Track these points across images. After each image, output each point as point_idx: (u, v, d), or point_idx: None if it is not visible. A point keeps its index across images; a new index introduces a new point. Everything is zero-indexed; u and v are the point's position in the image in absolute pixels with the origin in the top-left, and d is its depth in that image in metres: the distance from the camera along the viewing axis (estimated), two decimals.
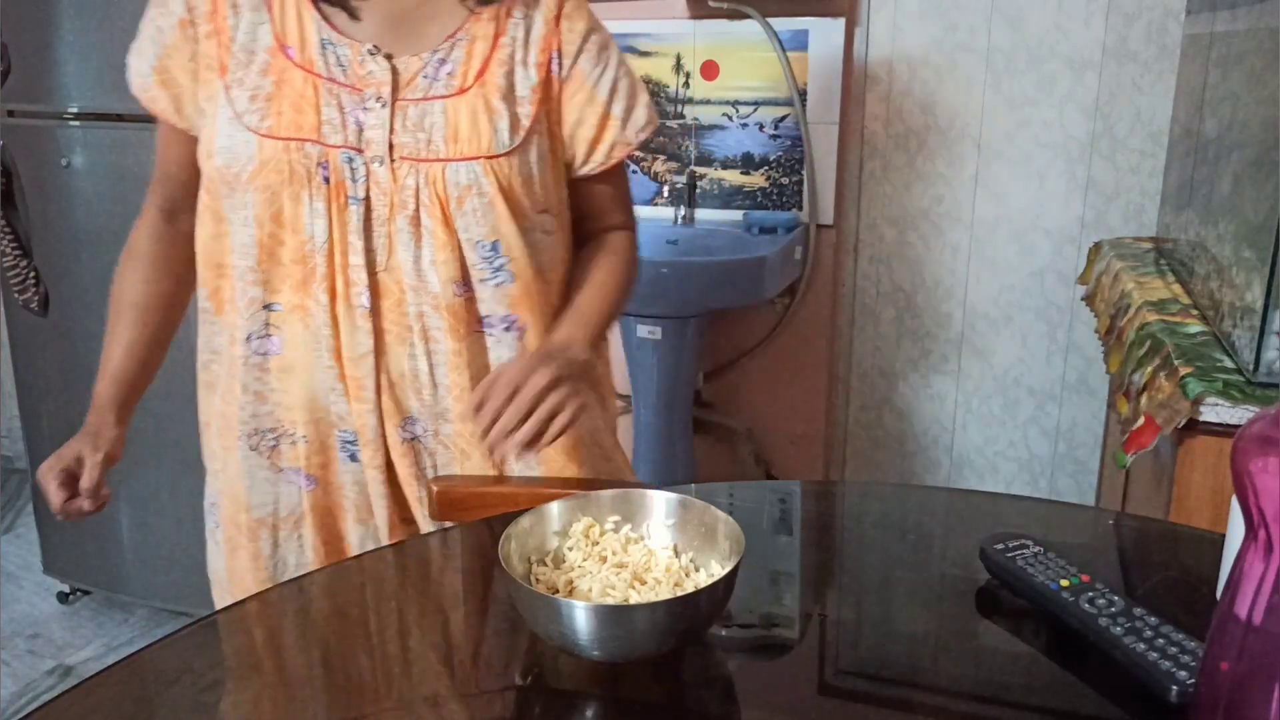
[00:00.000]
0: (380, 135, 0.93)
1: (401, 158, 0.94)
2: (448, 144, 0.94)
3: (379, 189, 0.94)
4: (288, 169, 0.93)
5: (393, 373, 0.98)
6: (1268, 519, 0.47)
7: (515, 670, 0.69)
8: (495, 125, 0.96)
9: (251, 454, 1.02)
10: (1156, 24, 1.95)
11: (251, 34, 0.95)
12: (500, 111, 0.96)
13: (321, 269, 0.95)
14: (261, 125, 0.93)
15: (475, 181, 0.95)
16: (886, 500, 1.04)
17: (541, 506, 0.76)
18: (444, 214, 0.95)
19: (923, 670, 0.68)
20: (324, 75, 0.94)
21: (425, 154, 0.94)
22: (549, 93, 1.00)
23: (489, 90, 0.96)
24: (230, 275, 0.99)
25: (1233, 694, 0.49)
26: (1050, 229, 2.12)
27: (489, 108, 0.96)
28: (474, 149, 0.95)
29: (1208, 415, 1.07)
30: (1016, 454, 2.27)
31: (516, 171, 0.97)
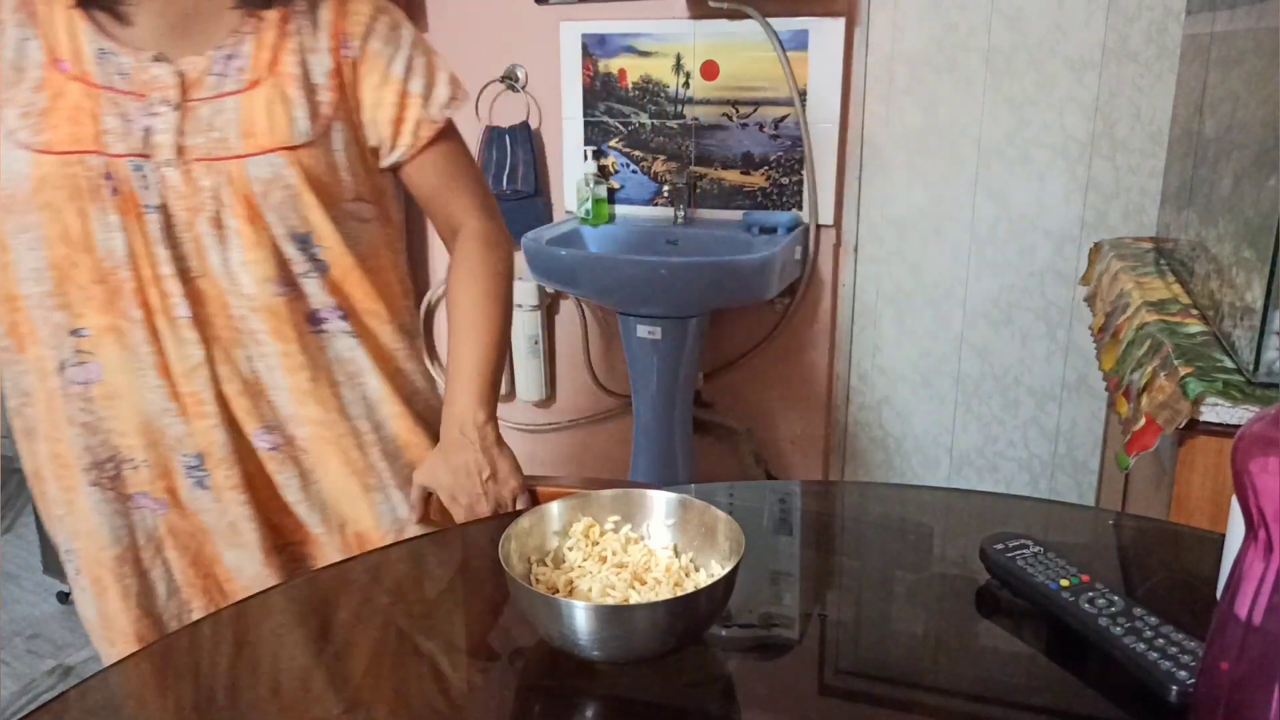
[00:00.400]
0: (168, 139, 0.90)
1: (195, 159, 0.90)
2: (244, 139, 0.91)
3: (175, 194, 0.91)
4: (68, 184, 0.88)
5: (234, 382, 0.95)
6: (1268, 519, 0.47)
7: (515, 670, 0.69)
8: (292, 115, 0.93)
9: (94, 489, 0.95)
10: (1156, 24, 1.95)
11: (19, 51, 0.90)
12: (296, 101, 0.94)
13: (129, 284, 0.91)
14: (35, 141, 0.88)
15: (277, 174, 0.92)
16: (886, 500, 1.04)
17: (541, 506, 0.76)
18: (250, 211, 0.92)
19: (922, 670, 0.68)
20: (103, 85, 0.90)
21: (220, 152, 0.91)
22: (342, 77, 0.98)
23: (283, 80, 0.94)
24: (24, 306, 0.93)
25: (1233, 694, 0.49)
26: (1050, 229, 2.12)
27: (284, 98, 0.93)
28: (271, 141, 0.92)
29: (1208, 415, 1.07)
30: (1016, 454, 2.27)
31: (321, 160, 0.95)
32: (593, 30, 2.30)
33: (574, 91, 2.36)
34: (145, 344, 0.92)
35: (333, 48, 0.97)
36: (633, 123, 2.33)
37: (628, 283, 2.05)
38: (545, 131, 2.44)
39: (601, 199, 2.33)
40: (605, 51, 2.30)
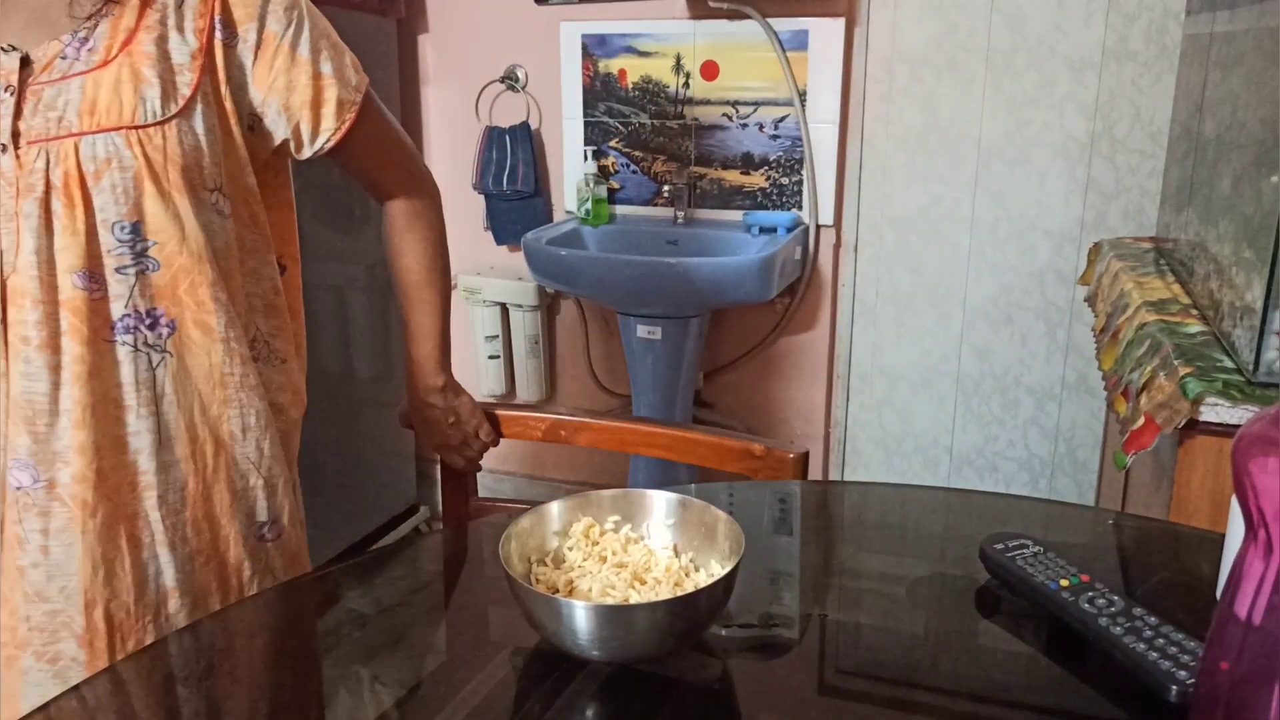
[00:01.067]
0: (4, 124, 0.84)
1: (29, 142, 0.84)
2: (82, 118, 0.85)
3: (4, 180, 0.85)
4: None
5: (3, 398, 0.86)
6: (1267, 519, 0.47)
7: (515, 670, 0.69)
8: (142, 94, 0.87)
9: None
10: (1156, 24, 1.95)
11: None
12: (149, 80, 0.87)
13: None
14: None
15: (115, 154, 0.85)
16: (886, 500, 1.04)
17: (541, 506, 0.76)
18: (81, 193, 0.85)
19: (922, 670, 0.68)
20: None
21: (56, 132, 0.85)
22: (212, 61, 0.91)
23: (136, 59, 0.87)
24: None
25: (1232, 694, 0.49)
26: (1050, 229, 2.12)
27: (136, 76, 0.87)
28: (113, 120, 0.85)
29: (1208, 415, 1.07)
30: (1016, 454, 2.27)
31: (175, 142, 0.88)
32: (593, 30, 2.30)
33: (574, 92, 2.36)
34: None
35: (201, 28, 0.90)
36: (633, 123, 2.33)
37: (628, 283, 2.05)
38: (545, 132, 2.44)
39: (601, 199, 2.33)
40: (605, 52, 2.30)
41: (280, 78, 0.95)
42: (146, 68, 0.87)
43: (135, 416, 0.88)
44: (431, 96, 2.61)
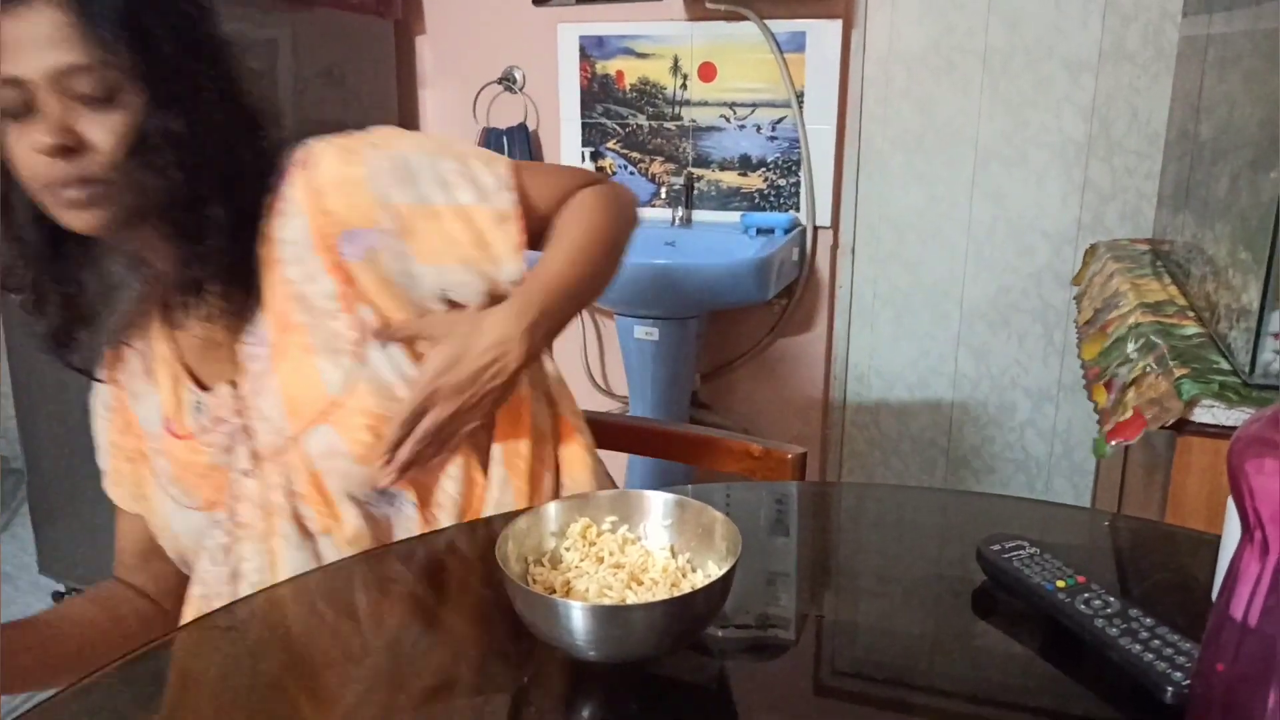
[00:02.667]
0: (244, 449, 0.90)
1: (266, 459, 0.89)
2: (290, 421, 0.88)
3: (251, 504, 0.90)
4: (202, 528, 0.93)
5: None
6: (1263, 520, 0.47)
7: (512, 671, 0.69)
8: (321, 374, 0.88)
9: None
10: (1153, 26, 1.96)
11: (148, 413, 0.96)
12: (317, 353, 0.88)
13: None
14: (184, 500, 0.94)
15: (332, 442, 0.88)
16: (883, 501, 1.04)
17: (538, 507, 0.76)
18: (321, 495, 0.89)
19: (919, 671, 0.68)
20: (195, 434, 0.93)
21: (279, 442, 0.89)
22: (356, 286, 0.89)
23: (297, 336, 0.88)
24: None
25: (1228, 695, 0.49)
26: (1047, 230, 2.12)
27: (304, 359, 0.88)
28: (317, 409, 0.88)
29: (1203, 417, 1.07)
30: (1013, 455, 2.27)
31: (367, 394, 0.88)
32: (590, 32, 2.30)
33: (572, 93, 2.36)
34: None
35: (330, 264, 0.89)
36: (630, 124, 2.33)
37: (625, 283, 2.04)
38: (543, 133, 2.44)
39: None
40: (603, 53, 2.30)
41: (435, 239, 0.90)
42: (310, 341, 0.88)
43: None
44: (429, 98, 2.61)
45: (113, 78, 0.78)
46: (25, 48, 0.77)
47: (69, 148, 0.78)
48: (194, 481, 0.93)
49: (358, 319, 0.89)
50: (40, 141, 0.77)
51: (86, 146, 0.79)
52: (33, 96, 0.78)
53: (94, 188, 0.80)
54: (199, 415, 0.92)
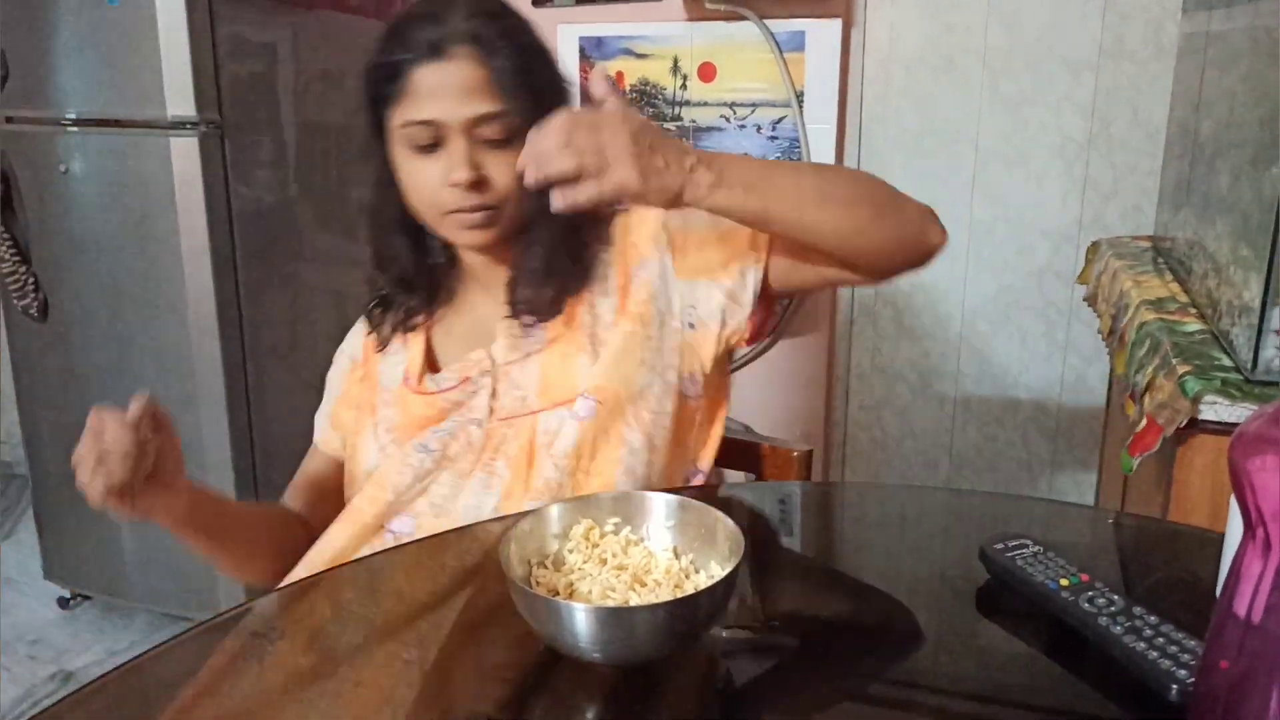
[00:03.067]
0: (482, 402, 1.00)
1: (500, 419, 0.99)
2: (540, 396, 0.99)
3: (471, 448, 0.99)
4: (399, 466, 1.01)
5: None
6: (1266, 517, 0.47)
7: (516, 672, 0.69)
8: (578, 365, 0.99)
9: None
10: (1153, 23, 1.96)
11: (392, 374, 1.06)
12: (583, 347, 1.00)
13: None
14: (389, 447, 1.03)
15: (561, 426, 0.97)
16: (886, 500, 1.05)
17: (540, 509, 0.76)
18: (528, 463, 0.98)
19: (923, 670, 0.68)
20: (434, 391, 1.02)
21: (519, 410, 0.99)
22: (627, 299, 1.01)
23: (573, 331, 1.00)
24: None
25: (1232, 692, 0.49)
26: (1048, 229, 2.12)
27: (572, 351, 1.00)
28: (564, 394, 0.98)
29: (1206, 414, 1.07)
30: (1016, 454, 2.27)
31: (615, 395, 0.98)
32: (590, 33, 2.30)
33: (571, 94, 2.36)
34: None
35: (620, 285, 1.01)
36: None
37: None
38: None
39: None
40: (603, 54, 2.30)
41: (693, 255, 1.00)
42: (582, 339, 0.99)
43: None
44: None
45: (514, 124, 0.92)
46: (443, 94, 0.92)
47: (476, 182, 0.93)
48: (412, 431, 1.02)
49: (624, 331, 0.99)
50: (457, 176, 0.92)
51: (488, 181, 0.94)
52: (444, 136, 0.93)
53: (488, 213, 0.95)
54: (438, 380, 1.03)
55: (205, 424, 2.09)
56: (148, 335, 2.09)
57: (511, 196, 0.95)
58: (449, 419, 1.01)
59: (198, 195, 1.98)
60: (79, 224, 2.09)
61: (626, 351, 0.98)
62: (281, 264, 2.22)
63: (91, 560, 2.31)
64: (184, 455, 0.92)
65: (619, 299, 1.01)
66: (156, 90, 1.93)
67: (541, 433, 0.97)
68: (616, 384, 0.97)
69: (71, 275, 2.12)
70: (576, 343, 0.99)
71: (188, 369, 2.08)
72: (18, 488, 3.04)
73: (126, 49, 1.95)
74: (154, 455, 0.87)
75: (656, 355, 0.99)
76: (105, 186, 2.05)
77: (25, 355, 2.28)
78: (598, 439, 0.97)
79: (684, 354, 1.01)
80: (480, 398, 1.00)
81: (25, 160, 2.11)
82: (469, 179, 0.92)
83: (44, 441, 2.31)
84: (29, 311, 2.17)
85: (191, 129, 1.95)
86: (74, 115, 2.03)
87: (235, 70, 2.02)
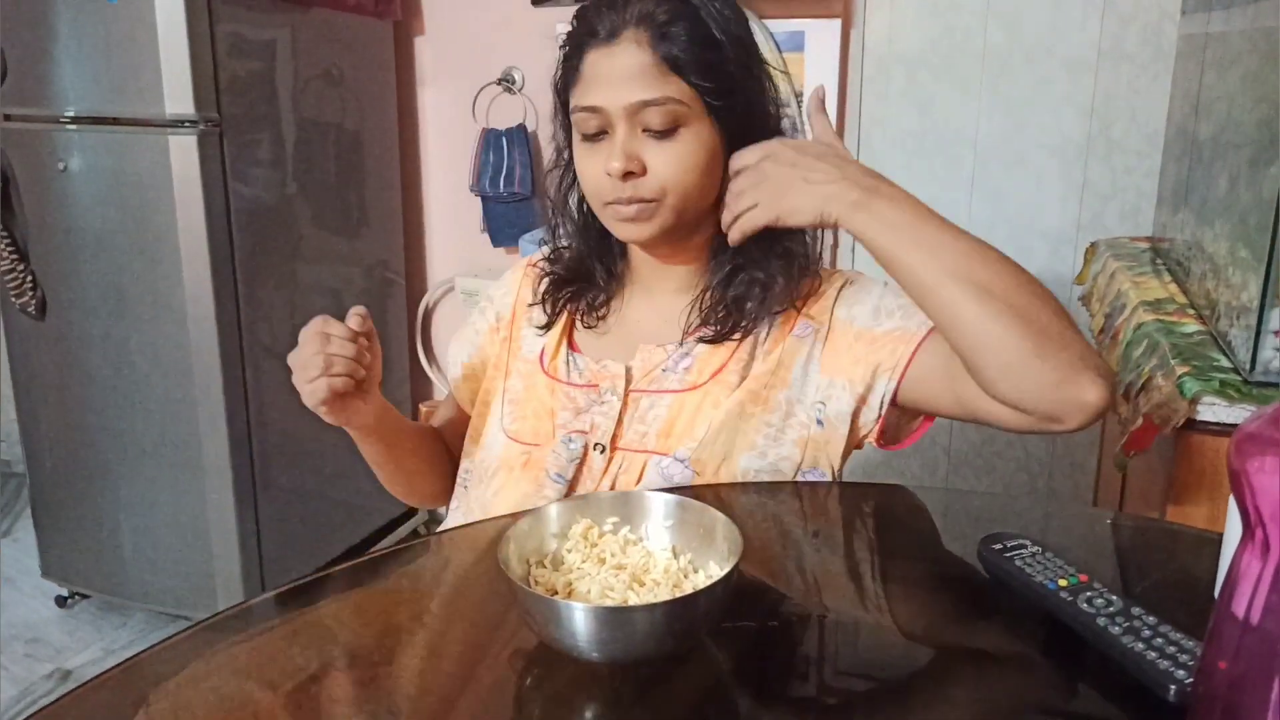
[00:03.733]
0: (608, 426, 0.97)
1: (619, 448, 0.96)
2: (659, 438, 0.96)
3: (587, 472, 0.97)
4: (520, 461, 1.00)
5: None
6: (1265, 518, 0.47)
7: (515, 672, 0.69)
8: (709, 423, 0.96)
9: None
10: (1152, 25, 1.96)
11: (531, 346, 1.06)
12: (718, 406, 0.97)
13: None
14: (510, 429, 1.02)
15: (677, 475, 0.96)
16: (885, 500, 1.04)
17: (539, 508, 0.76)
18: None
19: (921, 671, 0.68)
20: (563, 380, 1.02)
21: (639, 446, 0.96)
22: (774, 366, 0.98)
23: (720, 388, 0.98)
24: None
25: (1231, 693, 0.49)
26: (1047, 230, 2.12)
27: (711, 405, 0.97)
28: (684, 444, 0.96)
29: (1205, 415, 1.07)
30: (1014, 454, 2.27)
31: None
32: None
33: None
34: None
35: (777, 340, 0.98)
36: None
37: None
38: (542, 133, 2.44)
39: None
40: None
41: (843, 353, 0.96)
42: (720, 396, 0.95)
43: None
44: (428, 98, 2.61)
45: (678, 113, 0.90)
46: (609, 80, 0.90)
47: (632, 171, 0.90)
48: (527, 413, 1.01)
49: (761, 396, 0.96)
50: (611, 165, 0.90)
51: (646, 172, 0.91)
52: (609, 124, 0.91)
53: (643, 206, 0.92)
54: (569, 369, 1.02)
55: (203, 422, 2.09)
56: (146, 333, 2.09)
57: (675, 191, 0.92)
58: (570, 433, 0.98)
59: (196, 194, 1.98)
60: (77, 222, 2.09)
61: (741, 433, 0.95)
62: (280, 262, 2.21)
63: (89, 558, 2.31)
64: (187, 446, 0.96)
65: (747, 360, 0.97)
66: (155, 88, 1.93)
67: (651, 474, 0.94)
68: (717, 460, 0.94)
69: (70, 273, 2.12)
70: (711, 398, 0.95)
71: (185, 367, 2.07)
72: (15, 486, 3.04)
73: (125, 47, 1.95)
74: (365, 367, 0.93)
75: (773, 444, 0.95)
76: (104, 184, 2.05)
77: (23, 353, 2.27)
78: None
79: (807, 449, 0.97)
80: (605, 416, 0.97)
81: (24, 158, 2.11)
82: (621, 169, 0.89)
83: (42, 439, 2.30)
84: (27, 309, 2.17)
85: (190, 127, 1.95)
86: (73, 113, 2.03)
87: (234, 69, 2.02)
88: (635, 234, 0.94)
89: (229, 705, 0.66)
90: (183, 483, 2.15)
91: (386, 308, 2.60)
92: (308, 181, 2.28)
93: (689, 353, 0.98)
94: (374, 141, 2.47)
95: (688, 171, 0.91)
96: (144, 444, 2.15)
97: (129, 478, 2.20)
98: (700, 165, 0.92)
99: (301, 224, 2.27)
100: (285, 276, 2.24)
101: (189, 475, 2.14)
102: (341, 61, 2.33)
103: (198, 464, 2.12)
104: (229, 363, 2.07)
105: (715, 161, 0.94)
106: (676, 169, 0.91)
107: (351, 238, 2.45)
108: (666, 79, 0.89)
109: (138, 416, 2.15)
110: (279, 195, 2.19)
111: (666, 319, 1.01)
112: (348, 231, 2.44)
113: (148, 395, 2.12)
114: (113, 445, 2.19)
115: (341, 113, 2.35)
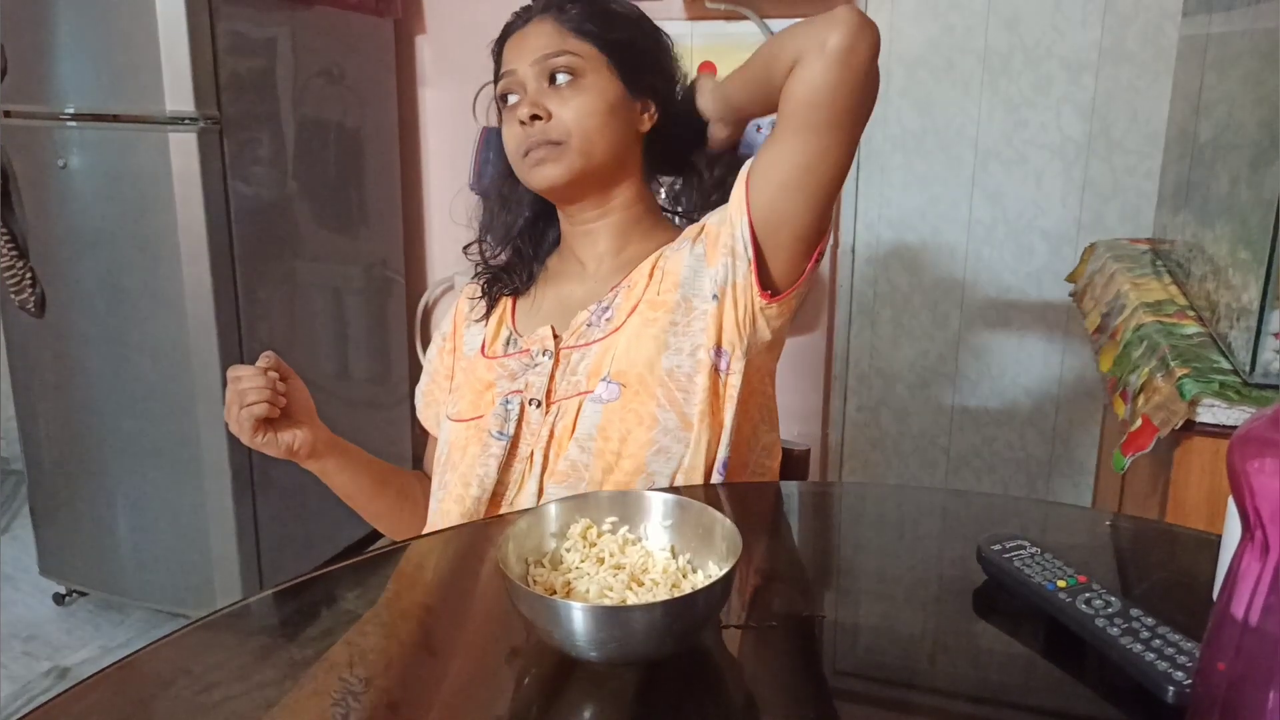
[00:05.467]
0: (541, 383, 1.02)
1: (553, 401, 1.01)
2: (590, 379, 1.01)
3: (529, 429, 1.02)
4: (466, 438, 1.06)
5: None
6: (1264, 519, 0.47)
7: (513, 672, 0.69)
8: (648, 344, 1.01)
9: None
10: (1153, 25, 1.96)
11: (470, 343, 1.13)
12: (656, 323, 1.02)
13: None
14: (452, 412, 1.08)
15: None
16: (884, 501, 1.04)
17: (539, 508, 0.76)
18: (570, 440, 1.00)
19: (920, 671, 0.68)
20: (499, 355, 1.09)
21: (570, 392, 1.01)
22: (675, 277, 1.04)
23: (642, 318, 1.03)
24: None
25: (1229, 694, 0.49)
26: (1047, 230, 2.12)
27: (643, 331, 1.02)
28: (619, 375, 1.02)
29: (1204, 416, 1.07)
30: (1013, 455, 2.27)
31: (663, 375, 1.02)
32: None
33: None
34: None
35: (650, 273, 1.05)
36: None
37: None
38: None
39: None
40: None
41: (717, 243, 1.03)
42: (656, 315, 1.01)
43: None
44: (429, 97, 2.61)
45: (576, 64, 1.03)
46: (520, 50, 1.05)
47: (538, 116, 1.01)
48: (467, 394, 1.07)
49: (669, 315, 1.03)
50: (521, 111, 1.02)
51: (551, 116, 1.02)
52: (521, 84, 1.04)
53: (551, 147, 1.02)
54: (509, 347, 1.08)
55: (201, 420, 2.08)
56: (145, 331, 2.08)
57: (578, 134, 1.01)
58: (506, 395, 1.03)
59: (196, 191, 1.97)
60: (77, 219, 2.09)
61: (649, 336, 1.00)
62: (279, 260, 2.21)
63: (87, 556, 2.31)
64: (186, 444, 1.00)
65: (644, 287, 1.04)
66: (155, 85, 1.93)
67: (586, 409, 0.99)
68: (640, 367, 0.98)
69: (69, 270, 2.12)
70: (631, 331, 1.01)
71: (185, 365, 2.07)
72: (14, 483, 3.04)
73: (126, 44, 1.95)
74: (285, 397, 1.03)
75: (683, 338, 1.00)
76: (103, 182, 2.05)
77: (22, 350, 2.27)
78: (625, 420, 0.97)
79: (710, 329, 1.00)
80: (538, 374, 1.03)
81: (24, 155, 2.11)
82: (528, 113, 1.01)
83: (40, 437, 2.30)
84: (26, 307, 2.16)
85: (190, 124, 1.95)
86: (73, 110, 2.03)
87: (234, 66, 2.02)
88: (547, 175, 1.02)
89: (228, 705, 0.65)
90: (181, 481, 2.14)
91: (386, 306, 2.60)
92: (308, 179, 2.27)
93: (609, 305, 1.03)
94: (374, 140, 2.47)
95: (589, 115, 1.02)
96: (143, 442, 2.15)
97: (127, 475, 2.19)
98: (600, 110, 1.03)
99: (301, 222, 2.27)
100: (285, 274, 2.24)
101: (187, 473, 2.14)
102: (342, 59, 2.33)
103: (196, 462, 2.12)
104: (228, 360, 2.07)
105: (618, 110, 1.05)
106: (578, 112, 1.02)
107: (351, 236, 2.45)
108: (566, 38, 1.03)
109: (137, 414, 2.15)
110: (279, 193, 2.19)
111: (597, 281, 1.08)
112: (348, 230, 2.44)
113: (147, 393, 2.12)
114: (111, 443, 2.18)
115: (342, 111, 2.35)
